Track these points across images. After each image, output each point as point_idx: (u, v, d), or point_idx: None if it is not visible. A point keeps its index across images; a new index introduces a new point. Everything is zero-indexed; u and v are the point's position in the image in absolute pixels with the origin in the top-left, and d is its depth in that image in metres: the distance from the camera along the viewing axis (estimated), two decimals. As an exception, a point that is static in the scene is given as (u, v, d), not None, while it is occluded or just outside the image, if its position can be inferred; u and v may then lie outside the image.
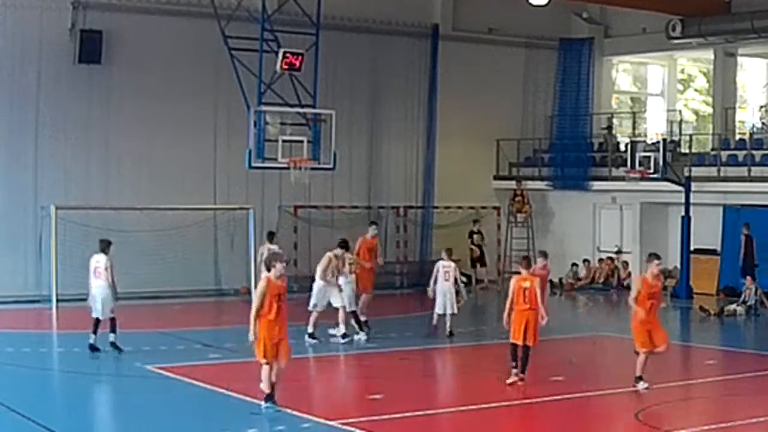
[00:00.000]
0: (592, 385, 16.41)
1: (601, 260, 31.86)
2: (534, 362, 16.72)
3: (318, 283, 20.46)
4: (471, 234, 31.20)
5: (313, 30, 25.36)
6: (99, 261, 18.98)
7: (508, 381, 16.20)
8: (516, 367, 16.21)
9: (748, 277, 25.97)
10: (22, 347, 19.72)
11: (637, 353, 15.96)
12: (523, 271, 16.53)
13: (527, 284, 16.24)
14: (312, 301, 20.40)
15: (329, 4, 26.03)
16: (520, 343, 16.14)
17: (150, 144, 28.03)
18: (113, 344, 18.79)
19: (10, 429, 13.59)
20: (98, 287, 18.90)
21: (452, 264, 21.00)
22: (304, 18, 25.57)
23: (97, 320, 18.86)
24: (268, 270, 14.24)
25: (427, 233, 31.85)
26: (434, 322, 21.25)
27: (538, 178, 33.32)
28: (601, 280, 31.56)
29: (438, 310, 21.00)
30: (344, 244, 20.85)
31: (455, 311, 20.92)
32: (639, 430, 13.91)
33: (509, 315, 16.24)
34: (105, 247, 19.12)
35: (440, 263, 21.12)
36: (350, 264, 20.70)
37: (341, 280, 20.46)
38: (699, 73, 38.10)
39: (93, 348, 18.74)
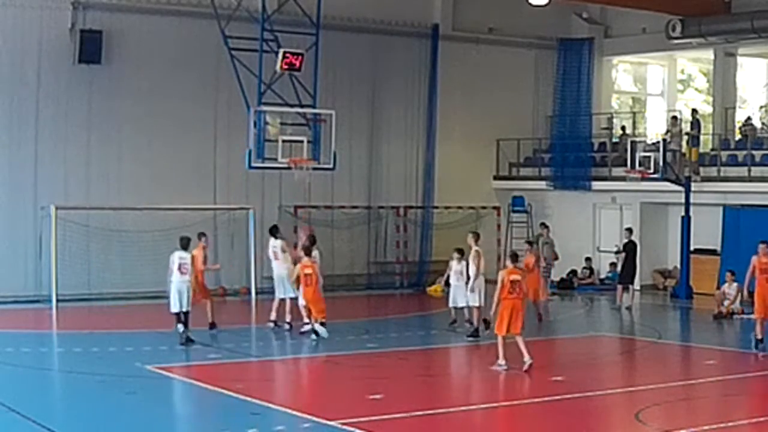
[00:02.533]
0: (592, 385, 16.41)
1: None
2: (535, 362, 16.72)
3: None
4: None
5: (313, 30, 25.35)
6: (184, 258, 19.89)
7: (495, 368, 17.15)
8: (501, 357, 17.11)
9: None
10: (22, 347, 19.72)
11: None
12: (511, 265, 17.61)
13: (516, 277, 17.35)
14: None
15: (329, 4, 26.01)
16: (502, 334, 17.15)
17: (150, 144, 28.03)
18: (189, 338, 19.73)
19: (10, 429, 13.58)
20: (183, 282, 19.79)
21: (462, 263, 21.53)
22: (304, 18, 25.57)
23: (186, 313, 19.80)
24: (309, 255, 18.09)
25: (427, 233, 31.85)
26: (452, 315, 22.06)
27: (538, 178, 33.32)
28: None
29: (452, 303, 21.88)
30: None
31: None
32: (639, 430, 13.90)
33: (497, 306, 17.31)
34: (185, 244, 20.10)
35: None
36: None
37: None
38: (699, 73, 38.09)
39: (189, 340, 19.65)
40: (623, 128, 32.79)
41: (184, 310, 19.84)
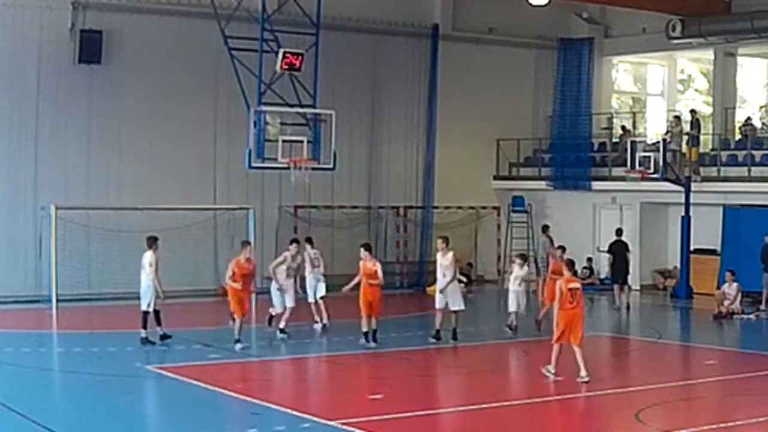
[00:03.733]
0: (592, 385, 16.40)
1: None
2: (534, 362, 16.73)
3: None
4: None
5: (313, 30, 25.34)
6: (145, 257, 20.03)
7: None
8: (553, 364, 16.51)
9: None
10: (22, 347, 19.72)
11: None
12: (568, 273, 16.78)
13: (575, 285, 16.60)
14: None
15: (329, 4, 26.01)
16: (565, 343, 16.54)
17: (150, 144, 28.04)
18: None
19: (10, 429, 13.58)
20: (146, 282, 20.04)
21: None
22: (304, 18, 25.56)
23: (146, 313, 19.79)
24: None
25: (426, 233, 31.83)
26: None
27: (539, 178, 33.32)
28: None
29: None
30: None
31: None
32: (639, 430, 13.90)
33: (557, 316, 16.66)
34: (150, 243, 20.25)
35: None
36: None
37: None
38: (699, 74, 38.07)
39: (148, 341, 19.69)
40: (623, 128, 32.78)
41: (144, 309, 19.77)
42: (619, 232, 27.76)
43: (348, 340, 20.53)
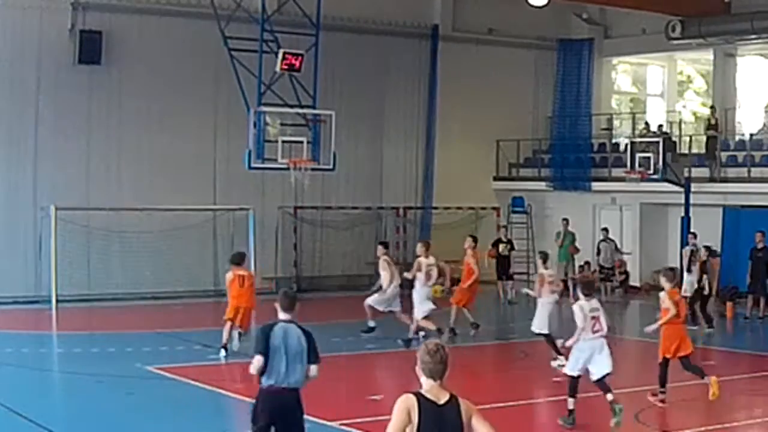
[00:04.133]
0: (592, 386, 16.39)
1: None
2: (535, 363, 16.74)
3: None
4: (497, 243, 29.07)
5: (313, 30, 25.33)
6: None
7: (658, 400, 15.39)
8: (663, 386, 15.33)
9: None
10: (22, 348, 19.73)
11: None
12: (669, 285, 15.40)
13: (679, 297, 15.63)
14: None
15: (329, 4, 26.01)
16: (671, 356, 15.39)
17: (150, 144, 28.04)
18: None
19: (10, 429, 13.59)
20: None
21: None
22: (303, 18, 25.55)
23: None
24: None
25: (426, 234, 31.81)
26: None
27: (538, 178, 33.32)
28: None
29: None
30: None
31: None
32: (639, 430, 13.90)
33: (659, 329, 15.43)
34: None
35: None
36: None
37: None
38: (698, 75, 38.05)
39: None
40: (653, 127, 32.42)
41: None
42: (605, 231, 28.33)
43: (347, 340, 20.53)
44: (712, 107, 30.89)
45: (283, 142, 24.21)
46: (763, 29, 28.21)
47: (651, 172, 28.20)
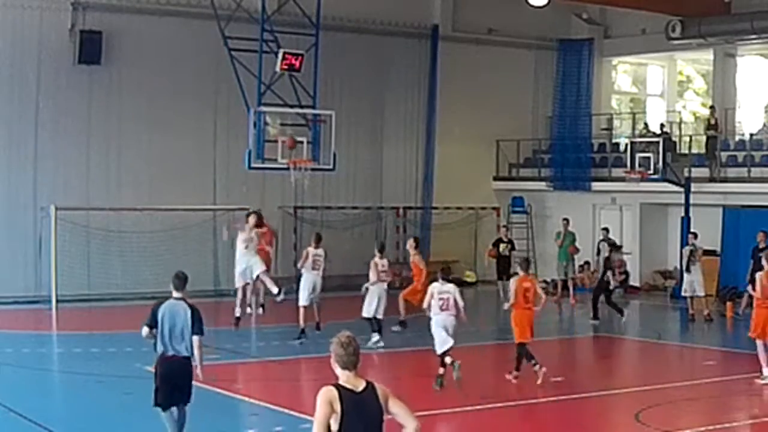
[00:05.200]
0: (592, 385, 16.41)
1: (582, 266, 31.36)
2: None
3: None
4: (497, 243, 28.47)
5: (313, 30, 25.35)
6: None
7: (513, 377, 16.70)
8: (531, 364, 16.61)
9: None
10: (22, 348, 19.73)
11: None
12: (522, 273, 17.23)
13: (528, 284, 16.98)
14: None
15: (329, 4, 26.02)
16: (528, 341, 16.79)
17: (150, 144, 28.04)
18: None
19: (10, 429, 13.59)
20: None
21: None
22: (303, 18, 25.57)
23: None
24: None
25: (426, 234, 31.83)
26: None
27: (538, 178, 33.33)
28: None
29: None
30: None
31: None
32: (639, 430, 13.90)
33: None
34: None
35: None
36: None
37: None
38: (698, 75, 38.05)
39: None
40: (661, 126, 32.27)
41: None
42: (606, 231, 28.40)
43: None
44: (711, 107, 30.86)
45: (283, 142, 24.21)
46: (763, 29, 28.22)
47: (651, 172, 28.26)
